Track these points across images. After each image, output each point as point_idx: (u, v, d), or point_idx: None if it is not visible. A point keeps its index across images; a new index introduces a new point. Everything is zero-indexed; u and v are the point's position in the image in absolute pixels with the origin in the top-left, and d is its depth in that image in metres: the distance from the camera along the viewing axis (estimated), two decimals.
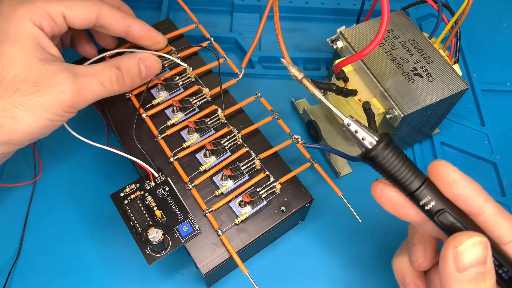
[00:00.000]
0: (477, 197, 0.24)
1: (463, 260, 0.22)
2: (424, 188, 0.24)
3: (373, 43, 0.28)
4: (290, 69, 0.27)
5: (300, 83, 0.27)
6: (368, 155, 0.24)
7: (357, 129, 0.25)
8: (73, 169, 0.41)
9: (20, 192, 0.40)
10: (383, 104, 0.36)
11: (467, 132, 0.46)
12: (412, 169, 0.24)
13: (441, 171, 0.24)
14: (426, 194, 0.24)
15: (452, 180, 0.24)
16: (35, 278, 0.36)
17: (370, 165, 0.25)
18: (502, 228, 0.24)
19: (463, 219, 0.24)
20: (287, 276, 0.37)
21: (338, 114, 0.26)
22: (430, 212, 0.24)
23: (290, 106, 0.46)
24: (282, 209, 0.34)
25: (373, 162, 0.24)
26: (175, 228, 0.32)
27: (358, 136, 0.25)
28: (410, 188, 0.24)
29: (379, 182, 0.26)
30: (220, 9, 0.53)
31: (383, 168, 0.24)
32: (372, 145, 0.24)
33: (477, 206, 0.24)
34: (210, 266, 0.31)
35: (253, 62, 0.48)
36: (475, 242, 0.22)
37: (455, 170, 0.24)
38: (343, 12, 0.53)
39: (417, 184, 0.24)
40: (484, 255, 0.22)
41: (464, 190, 0.24)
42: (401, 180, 0.24)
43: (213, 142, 0.35)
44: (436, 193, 0.24)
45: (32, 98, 0.29)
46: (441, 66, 0.37)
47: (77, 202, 0.39)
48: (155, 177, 0.34)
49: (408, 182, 0.24)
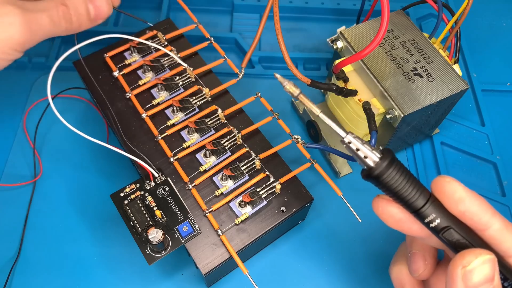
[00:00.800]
0: (483, 213, 0.23)
1: (472, 279, 0.22)
2: (429, 206, 0.23)
3: (373, 43, 0.28)
4: (285, 85, 0.25)
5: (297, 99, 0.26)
6: (371, 174, 0.23)
7: (359, 146, 0.23)
8: (73, 169, 0.41)
9: (20, 192, 0.40)
10: (383, 104, 0.36)
11: (467, 132, 0.46)
12: (416, 186, 0.23)
13: (447, 189, 0.24)
14: (431, 212, 0.23)
15: (458, 198, 0.23)
16: (35, 278, 0.36)
17: (373, 183, 0.24)
18: (508, 243, 0.24)
19: (469, 235, 0.24)
20: (287, 276, 0.37)
21: (338, 131, 0.24)
22: (436, 229, 0.24)
23: (290, 106, 0.46)
24: (282, 209, 0.34)
25: (377, 181, 0.23)
26: (175, 228, 0.32)
27: (359, 154, 0.23)
28: (415, 206, 0.23)
29: (380, 199, 0.25)
30: (220, 9, 0.53)
31: (387, 186, 0.23)
32: (375, 163, 0.23)
33: (483, 222, 0.24)
34: (210, 266, 0.31)
35: (253, 62, 0.48)
36: (484, 260, 0.22)
37: (461, 187, 0.24)
38: (343, 12, 0.53)
39: (422, 202, 0.23)
40: (492, 273, 0.22)
41: (470, 207, 0.23)
42: (405, 198, 0.23)
43: (213, 142, 0.36)
44: (441, 210, 0.23)
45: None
46: (441, 66, 0.37)
47: (77, 202, 0.39)
48: (155, 177, 0.34)
49: (413, 200, 0.23)
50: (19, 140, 0.42)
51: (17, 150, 0.42)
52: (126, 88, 0.38)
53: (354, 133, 0.24)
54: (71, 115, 0.44)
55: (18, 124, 0.43)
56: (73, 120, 0.43)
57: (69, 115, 0.43)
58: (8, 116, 0.44)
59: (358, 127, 0.39)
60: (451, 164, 0.43)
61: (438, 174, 0.42)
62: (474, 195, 0.24)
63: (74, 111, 0.44)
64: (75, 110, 0.44)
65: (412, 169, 0.43)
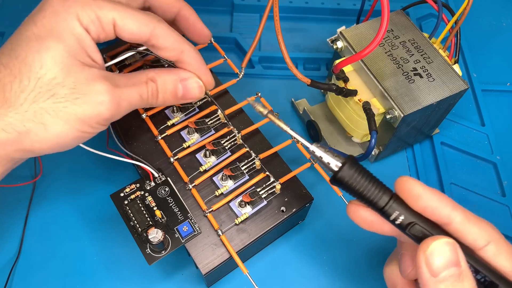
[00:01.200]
0: (443, 207, 0.24)
1: (434, 263, 0.23)
2: (392, 203, 0.25)
3: (373, 43, 0.28)
4: (256, 107, 0.27)
5: (266, 117, 0.27)
6: (335, 177, 0.25)
7: (322, 154, 0.25)
8: (73, 169, 0.41)
9: (20, 192, 0.40)
10: (383, 104, 0.36)
11: (467, 132, 0.46)
12: (378, 186, 0.25)
13: (405, 187, 0.25)
14: (395, 209, 0.25)
15: (416, 194, 0.25)
16: (35, 278, 0.36)
17: (340, 187, 0.26)
18: (473, 234, 0.24)
19: (434, 230, 0.25)
20: (287, 276, 0.37)
21: (303, 142, 0.26)
22: (401, 226, 0.25)
23: (290, 106, 0.46)
24: (282, 209, 0.34)
25: (341, 183, 0.25)
26: (175, 228, 0.32)
27: (324, 161, 0.25)
28: (379, 204, 0.25)
29: (351, 204, 0.27)
30: (220, 9, 0.53)
31: (351, 188, 0.25)
32: (338, 167, 0.25)
33: (444, 216, 0.24)
34: (210, 266, 0.31)
35: (253, 62, 0.48)
36: (442, 243, 0.23)
37: (418, 183, 0.25)
38: (343, 12, 0.53)
39: (385, 200, 0.25)
40: (454, 256, 0.23)
41: (429, 202, 0.24)
42: (369, 198, 0.25)
43: (213, 142, 0.36)
44: (405, 207, 0.25)
45: (68, 106, 0.26)
46: (441, 66, 0.37)
47: (77, 202, 0.39)
48: (155, 177, 0.34)
49: (376, 199, 0.25)
50: None
51: None
52: None
53: (352, 135, 0.24)
54: None
55: None
56: None
57: None
58: None
59: (358, 127, 0.39)
60: (451, 164, 0.43)
61: (438, 174, 0.42)
62: (432, 191, 0.25)
63: None
64: None
65: (412, 169, 0.43)
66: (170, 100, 0.31)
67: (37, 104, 0.26)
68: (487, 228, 0.25)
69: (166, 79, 0.30)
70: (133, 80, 0.29)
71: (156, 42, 0.29)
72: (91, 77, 0.27)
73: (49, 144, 0.27)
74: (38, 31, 0.26)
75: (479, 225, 0.25)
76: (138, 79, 0.29)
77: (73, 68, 0.26)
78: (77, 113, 0.26)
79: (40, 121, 0.26)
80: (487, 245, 0.24)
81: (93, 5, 0.27)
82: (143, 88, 0.29)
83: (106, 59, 0.40)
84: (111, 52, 0.40)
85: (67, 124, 0.26)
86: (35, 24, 0.26)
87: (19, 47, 0.26)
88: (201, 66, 0.32)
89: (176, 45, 0.30)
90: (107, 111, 0.27)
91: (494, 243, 0.24)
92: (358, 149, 0.42)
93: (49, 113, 0.26)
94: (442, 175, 0.42)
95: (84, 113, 0.26)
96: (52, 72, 0.26)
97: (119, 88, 0.28)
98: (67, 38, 0.26)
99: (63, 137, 0.27)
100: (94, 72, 0.27)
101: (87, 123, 0.27)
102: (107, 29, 0.28)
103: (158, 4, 0.33)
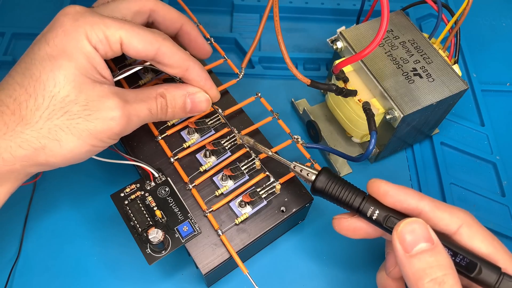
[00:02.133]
0: (410, 199, 0.27)
1: (406, 239, 0.24)
2: (366, 202, 0.28)
3: (373, 43, 0.28)
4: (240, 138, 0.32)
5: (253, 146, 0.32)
6: (314, 186, 0.29)
7: (301, 168, 0.30)
8: (73, 169, 0.41)
9: (20, 192, 0.40)
10: (383, 105, 0.36)
11: (467, 132, 0.46)
12: (352, 189, 0.28)
13: (374, 187, 0.28)
14: (369, 206, 0.28)
15: (383, 191, 0.27)
16: (35, 278, 0.36)
17: (320, 196, 0.30)
18: (444, 220, 0.26)
19: None
20: (287, 276, 0.37)
21: (283, 161, 0.31)
22: (378, 221, 0.27)
23: (290, 106, 0.46)
24: (282, 209, 0.34)
25: (319, 191, 0.29)
26: (175, 228, 0.32)
27: (303, 174, 0.30)
28: (355, 205, 0.28)
29: (335, 219, 0.30)
30: (220, 9, 0.53)
31: (328, 194, 0.29)
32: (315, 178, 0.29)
33: (413, 207, 0.27)
34: (210, 266, 0.31)
35: (253, 62, 0.48)
36: (411, 221, 0.25)
37: (383, 182, 0.28)
38: (343, 12, 0.53)
39: (359, 200, 0.28)
40: (424, 231, 0.24)
41: (396, 196, 0.27)
42: (346, 201, 0.28)
43: (213, 142, 0.36)
44: (378, 204, 0.28)
45: (80, 122, 0.27)
46: (440, 66, 0.37)
47: (77, 202, 0.39)
48: (155, 177, 0.34)
49: (352, 201, 0.28)
50: None
51: None
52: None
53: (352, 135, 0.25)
54: None
55: None
56: None
57: None
58: None
59: (358, 127, 0.39)
60: (450, 164, 0.43)
61: (438, 174, 0.42)
62: (399, 187, 0.27)
63: None
64: None
65: (412, 169, 0.43)
66: (179, 114, 0.33)
67: (52, 121, 0.27)
68: (458, 213, 0.26)
69: (175, 94, 0.32)
70: (142, 96, 0.30)
71: (162, 60, 0.30)
72: (102, 94, 0.28)
73: (63, 158, 0.28)
74: (51, 51, 0.27)
75: (449, 211, 0.26)
76: (147, 94, 0.30)
77: (84, 85, 0.27)
78: (89, 128, 0.27)
79: (55, 137, 0.27)
80: (459, 228, 0.26)
81: (101, 24, 0.28)
82: (153, 103, 0.30)
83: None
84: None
85: (80, 140, 0.27)
86: (47, 44, 0.27)
87: (33, 66, 0.27)
88: (206, 82, 0.33)
89: (181, 62, 0.31)
90: (118, 126, 0.28)
91: (467, 226, 0.26)
92: (358, 149, 0.42)
93: (63, 129, 0.27)
94: (442, 175, 0.42)
95: (96, 129, 0.28)
96: (65, 90, 0.27)
97: (129, 104, 0.29)
98: (78, 57, 0.27)
99: (76, 152, 0.28)
100: (105, 89, 0.28)
101: (99, 138, 0.28)
102: (114, 47, 0.29)
103: (161, 19, 0.35)
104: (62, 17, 0.28)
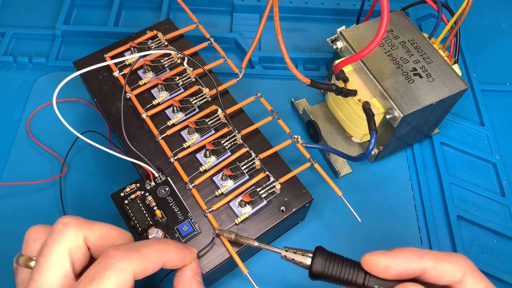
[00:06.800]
0: (412, 263, 0.25)
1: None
2: (369, 277, 0.26)
3: (373, 43, 0.28)
4: (223, 234, 0.31)
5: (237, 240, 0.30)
6: (311, 272, 0.27)
7: (293, 256, 0.28)
8: (73, 169, 0.41)
9: (20, 192, 0.40)
10: (382, 104, 0.36)
11: (467, 132, 0.46)
12: (352, 266, 0.27)
13: (371, 265, 0.26)
14: (374, 284, 0.26)
15: (383, 267, 0.25)
16: None
17: (319, 279, 0.27)
18: (448, 272, 0.25)
19: None
20: (287, 276, 0.37)
21: (273, 250, 0.29)
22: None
23: (290, 106, 0.46)
24: (282, 209, 0.34)
25: (319, 276, 0.27)
26: (175, 228, 0.32)
27: (297, 261, 0.28)
28: (359, 282, 0.26)
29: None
30: (220, 9, 0.53)
31: (329, 276, 0.27)
32: (311, 262, 0.27)
33: (417, 270, 0.25)
34: (210, 266, 0.31)
35: (253, 62, 0.48)
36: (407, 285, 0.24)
37: (380, 256, 0.25)
38: (343, 12, 0.53)
39: (362, 277, 0.26)
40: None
41: (399, 267, 0.25)
42: (348, 280, 0.26)
43: (213, 142, 0.36)
44: (381, 279, 0.26)
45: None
46: (440, 66, 0.37)
47: (77, 201, 0.39)
48: (156, 177, 0.34)
49: (354, 279, 0.26)
50: (19, 140, 0.42)
51: (17, 150, 0.42)
52: (127, 88, 0.38)
53: (352, 135, 0.24)
54: (71, 115, 0.44)
55: (18, 124, 0.43)
56: (74, 121, 0.43)
57: (69, 116, 0.43)
58: (9, 116, 0.44)
59: (358, 127, 0.39)
60: (450, 164, 0.43)
61: (437, 174, 0.42)
62: (396, 254, 0.25)
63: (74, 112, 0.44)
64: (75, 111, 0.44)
65: (412, 169, 0.43)
66: None
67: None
68: (458, 261, 0.25)
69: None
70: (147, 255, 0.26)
71: None
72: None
73: None
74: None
75: (450, 261, 0.25)
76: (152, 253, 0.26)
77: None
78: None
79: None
80: (464, 276, 0.25)
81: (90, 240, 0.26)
82: (159, 260, 0.27)
83: (106, 59, 0.40)
84: (111, 52, 0.40)
85: None
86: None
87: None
88: (183, 258, 0.29)
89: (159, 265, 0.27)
90: None
91: (470, 274, 0.25)
92: (358, 149, 0.42)
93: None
94: (442, 175, 0.42)
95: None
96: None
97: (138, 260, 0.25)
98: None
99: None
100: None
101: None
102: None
103: None
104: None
